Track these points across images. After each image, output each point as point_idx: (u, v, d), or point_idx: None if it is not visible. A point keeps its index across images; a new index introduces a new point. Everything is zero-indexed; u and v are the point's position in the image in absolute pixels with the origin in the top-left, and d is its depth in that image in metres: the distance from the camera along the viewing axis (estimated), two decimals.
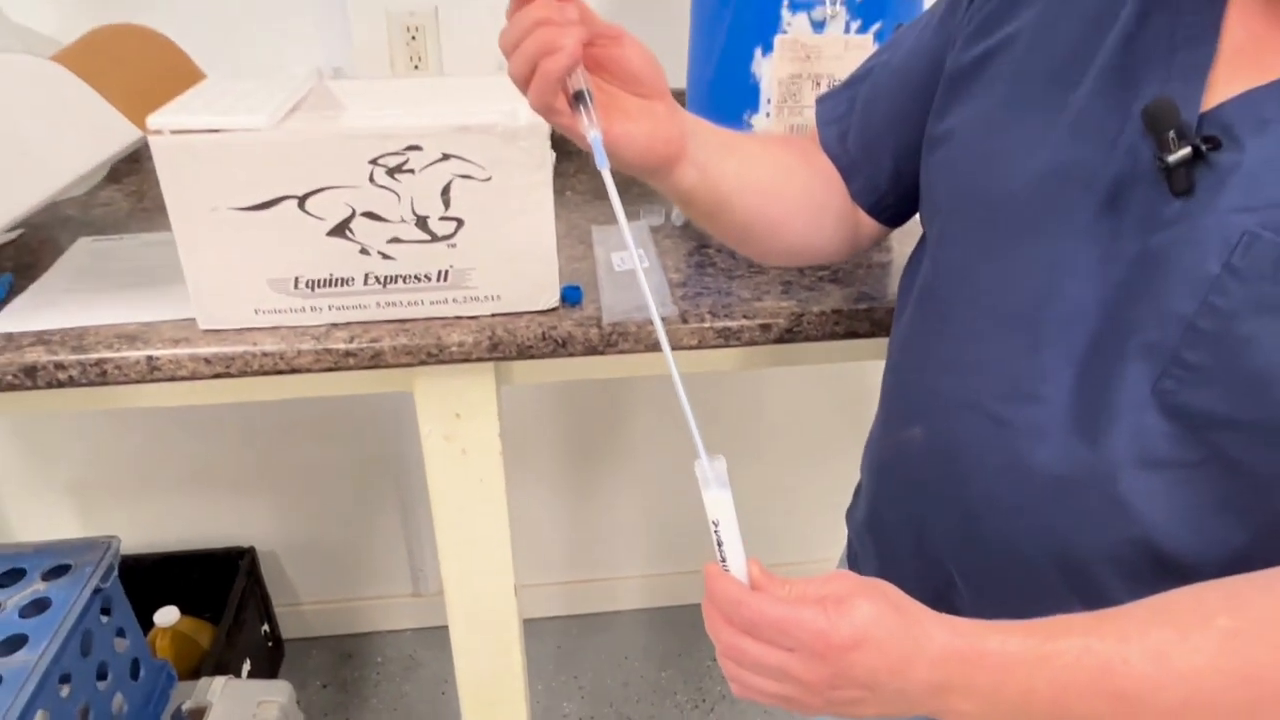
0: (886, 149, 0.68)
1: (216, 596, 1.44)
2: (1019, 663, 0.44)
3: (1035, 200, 0.52)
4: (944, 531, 0.58)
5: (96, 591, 1.00)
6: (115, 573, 1.04)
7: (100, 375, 0.77)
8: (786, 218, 0.68)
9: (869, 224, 0.73)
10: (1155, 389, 0.47)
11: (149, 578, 1.40)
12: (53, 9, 1.13)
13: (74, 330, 0.80)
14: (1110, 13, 0.52)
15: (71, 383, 0.77)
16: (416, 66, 1.22)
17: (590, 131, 0.53)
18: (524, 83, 0.54)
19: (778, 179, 0.67)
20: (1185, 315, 0.45)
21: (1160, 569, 0.50)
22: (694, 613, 1.83)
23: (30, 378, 0.77)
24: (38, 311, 0.83)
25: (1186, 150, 0.44)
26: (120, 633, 1.07)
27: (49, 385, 0.77)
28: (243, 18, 1.18)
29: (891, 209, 0.72)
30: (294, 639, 1.67)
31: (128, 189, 1.15)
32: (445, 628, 1.01)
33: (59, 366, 0.77)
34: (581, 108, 0.53)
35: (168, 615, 1.34)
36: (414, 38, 1.21)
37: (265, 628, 1.56)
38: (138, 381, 0.78)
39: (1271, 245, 0.43)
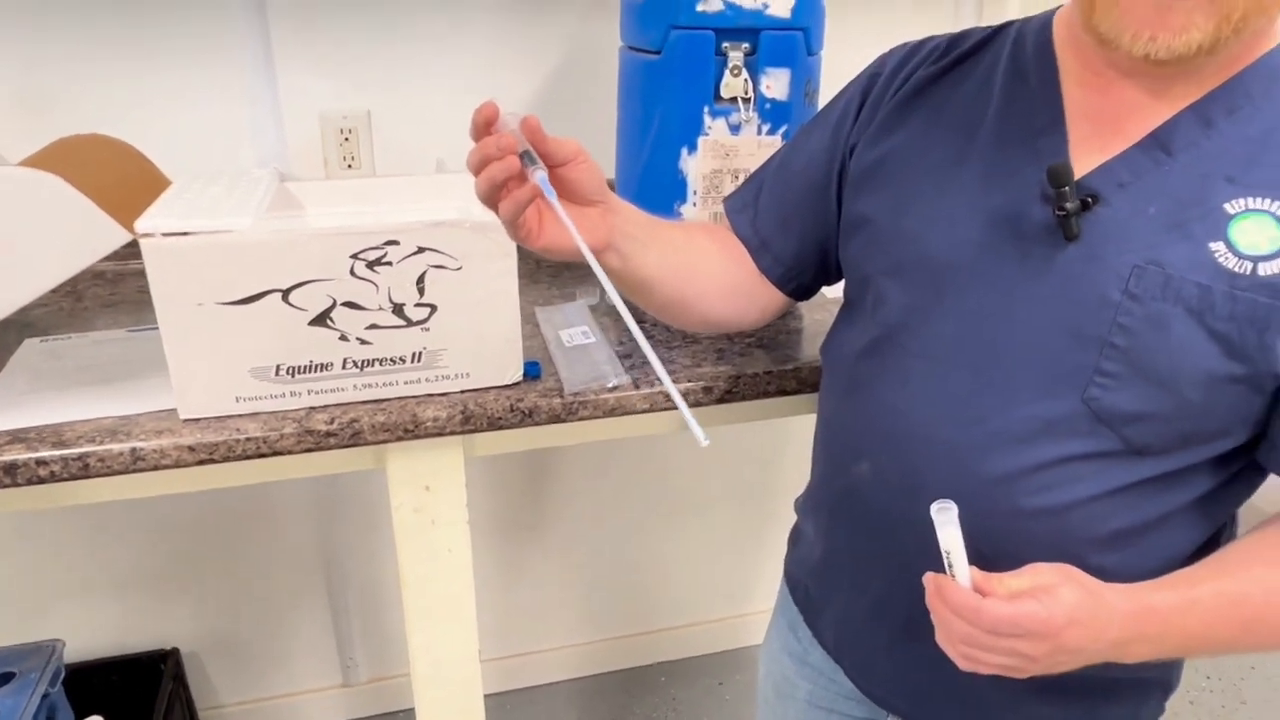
0: (793, 231, 0.81)
1: (141, 703, 1.39)
2: (1174, 611, 0.60)
3: (964, 264, 0.65)
4: (900, 548, 0.69)
5: (44, 698, 0.98)
6: (61, 677, 1.02)
7: (83, 469, 0.79)
8: (700, 296, 0.79)
9: (775, 297, 0.85)
10: (1084, 397, 0.61)
11: (69, 687, 1.34)
12: None
13: (50, 427, 0.82)
14: (978, 112, 0.68)
15: (53, 478, 0.79)
16: (350, 165, 1.29)
17: (537, 173, 0.61)
18: (488, 193, 0.62)
19: (694, 263, 0.79)
20: (1101, 336, 0.60)
21: (1081, 548, 0.63)
22: (624, 677, 1.87)
23: (10, 475, 0.78)
24: (4, 412, 0.84)
25: (1077, 203, 0.60)
26: None
27: (29, 482, 0.78)
28: (175, 117, 1.22)
29: (794, 282, 0.84)
30: None
31: (63, 290, 1.15)
32: (378, 717, 1.01)
33: (40, 463, 0.78)
34: (525, 160, 0.61)
35: None
36: (347, 139, 1.28)
37: None
38: (120, 473, 0.80)
39: (1156, 273, 0.58)
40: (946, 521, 0.59)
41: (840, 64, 0.97)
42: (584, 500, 1.67)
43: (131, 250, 0.83)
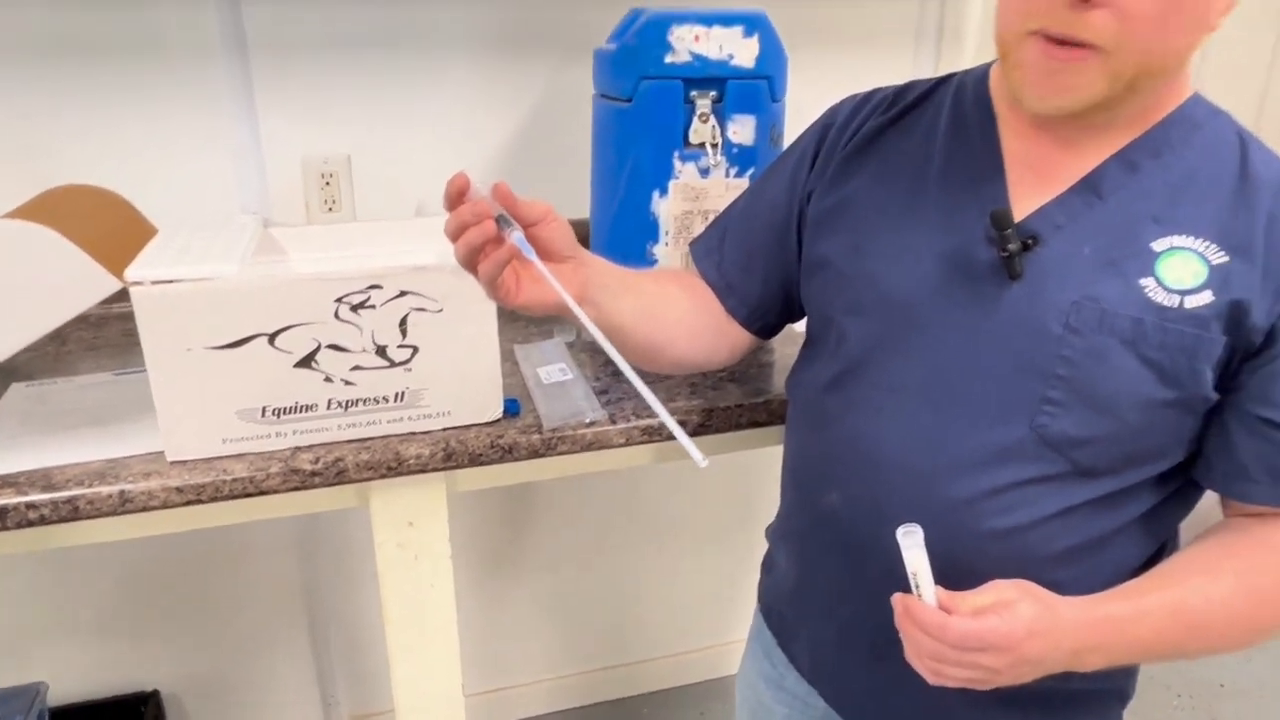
0: (757, 273, 0.85)
1: None
2: (1125, 620, 0.64)
3: (921, 303, 0.69)
4: (870, 571, 0.72)
5: None
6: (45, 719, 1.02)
7: (72, 512, 0.81)
8: (671, 340, 0.83)
9: (743, 336, 0.89)
10: (1033, 424, 0.65)
11: None
12: None
13: (39, 471, 0.83)
14: (925, 160, 0.72)
15: (42, 521, 0.80)
16: (331, 209, 1.32)
17: (514, 234, 0.65)
18: (467, 258, 0.66)
19: (664, 309, 0.82)
20: (1046, 368, 0.64)
21: (1038, 565, 0.67)
22: (607, 710, 1.88)
23: (0, 519, 0.79)
24: None
25: (1018, 244, 0.64)
26: None
27: (19, 525, 0.80)
28: (159, 165, 1.24)
29: (760, 321, 0.88)
30: None
31: (47, 334, 1.17)
32: None
33: (30, 506, 0.80)
34: (501, 223, 0.65)
35: None
36: (328, 183, 1.32)
37: None
38: (109, 515, 0.82)
39: (1093, 308, 0.63)
40: (912, 545, 0.63)
41: (804, 109, 1.02)
42: (564, 534, 1.69)
43: (115, 294, 0.85)
